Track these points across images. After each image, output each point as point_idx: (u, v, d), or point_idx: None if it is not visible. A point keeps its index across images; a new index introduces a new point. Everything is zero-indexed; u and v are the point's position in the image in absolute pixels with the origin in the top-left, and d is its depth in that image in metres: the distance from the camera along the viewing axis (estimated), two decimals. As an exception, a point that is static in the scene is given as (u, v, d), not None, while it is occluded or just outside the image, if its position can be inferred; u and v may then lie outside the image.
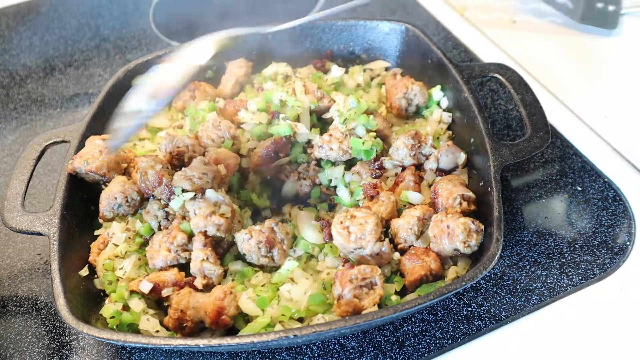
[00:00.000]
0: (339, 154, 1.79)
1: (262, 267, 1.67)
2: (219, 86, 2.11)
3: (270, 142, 1.81)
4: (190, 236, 1.67)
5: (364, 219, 1.59)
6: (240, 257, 1.69)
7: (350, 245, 1.58)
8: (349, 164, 1.84)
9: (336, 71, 2.08)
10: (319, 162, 1.86)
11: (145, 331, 1.57)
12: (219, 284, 1.62)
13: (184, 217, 1.69)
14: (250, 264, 1.67)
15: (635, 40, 2.40)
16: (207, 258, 1.60)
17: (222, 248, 1.68)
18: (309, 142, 1.87)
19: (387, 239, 1.61)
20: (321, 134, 1.85)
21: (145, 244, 1.71)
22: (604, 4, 2.46)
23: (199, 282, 1.59)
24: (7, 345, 1.68)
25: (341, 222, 1.60)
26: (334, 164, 1.83)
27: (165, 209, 1.72)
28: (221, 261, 1.66)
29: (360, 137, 1.79)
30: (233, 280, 1.65)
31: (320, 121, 1.94)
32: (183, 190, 1.65)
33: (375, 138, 1.81)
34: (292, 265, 1.63)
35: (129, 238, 1.70)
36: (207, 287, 1.61)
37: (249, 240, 1.62)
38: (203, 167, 1.67)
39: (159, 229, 1.71)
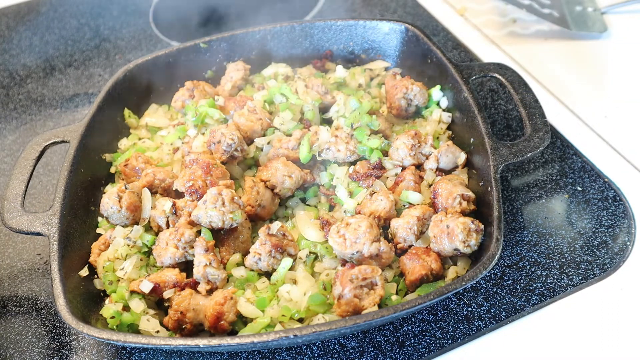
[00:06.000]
0: (346, 154, 1.79)
1: (267, 274, 1.67)
2: (218, 86, 2.11)
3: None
4: (198, 232, 1.67)
5: (357, 223, 1.59)
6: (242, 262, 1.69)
7: (347, 250, 1.58)
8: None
9: (340, 71, 2.08)
10: (323, 163, 1.86)
11: (145, 331, 1.57)
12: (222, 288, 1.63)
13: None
14: (253, 269, 1.67)
15: (632, 39, 2.40)
16: (210, 263, 1.60)
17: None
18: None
19: (383, 239, 1.61)
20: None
21: (148, 251, 1.71)
22: (582, 7, 2.47)
23: (202, 288, 1.59)
24: (7, 345, 1.68)
25: (337, 232, 1.60)
26: (339, 163, 1.84)
27: (174, 205, 1.72)
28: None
29: (368, 137, 1.80)
30: (234, 285, 1.65)
31: (323, 121, 1.95)
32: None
33: (380, 138, 1.82)
34: (289, 263, 1.63)
35: (129, 246, 1.69)
36: (211, 292, 1.61)
37: (262, 259, 1.62)
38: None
39: (167, 225, 1.71)
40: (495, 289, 1.70)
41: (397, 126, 1.99)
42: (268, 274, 1.66)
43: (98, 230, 1.79)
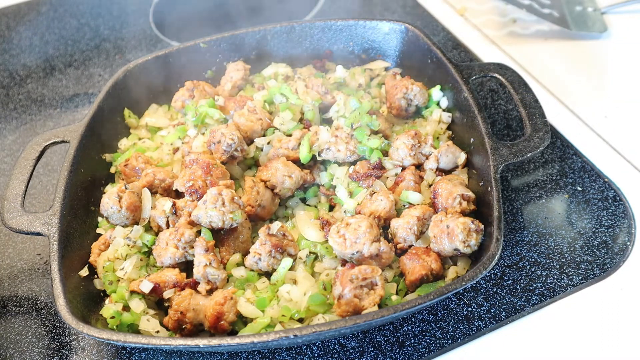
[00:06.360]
0: (346, 154, 1.79)
1: (267, 274, 1.67)
2: (218, 86, 2.11)
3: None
4: (198, 232, 1.67)
5: (357, 223, 1.59)
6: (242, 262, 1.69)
7: (347, 251, 1.58)
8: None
9: (340, 71, 2.08)
10: (323, 163, 1.86)
11: (145, 331, 1.57)
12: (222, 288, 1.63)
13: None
14: (253, 269, 1.67)
15: (632, 39, 2.40)
16: (210, 263, 1.60)
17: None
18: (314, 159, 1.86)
19: (383, 239, 1.61)
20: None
21: (148, 251, 1.71)
22: (582, 7, 2.47)
23: (202, 288, 1.59)
24: (7, 345, 1.68)
25: (337, 232, 1.60)
26: (339, 163, 1.84)
27: (174, 205, 1.71)
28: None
29: (368, 137, 1.80)
30: (234, 285, 1.65)
31: (323, 121, 1.95)
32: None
33: (380, 138, 1.82)
34: (289, 263, 1.63)
35: (129, 245, 1.69)
36: (211, 292, 1.61)
37: (262, 260, 1.62)
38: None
39: (167, 225, 1.71)
40: (495, 289, 1.70)
41: (397, 126, 1.99)
42: (268, 274, 1.66)
43: (98, 230, 1.79)
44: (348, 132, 1.80)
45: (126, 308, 1.59)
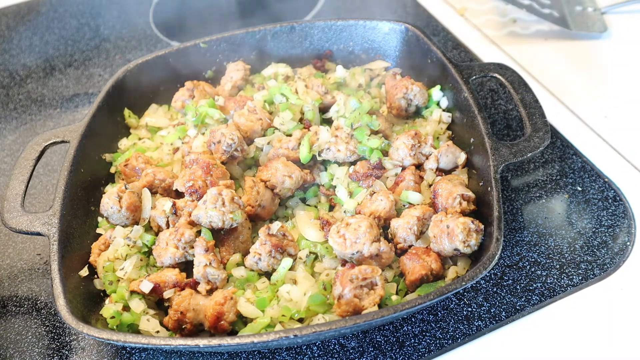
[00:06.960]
0: (346, 154, 1.79)
1: (267, 274, 1.67)
2: (218, 86, 2.11)
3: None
4: (198, 232, 1.67)
5: (357, 223, 1.59)
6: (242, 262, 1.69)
7: (347, 251, 1.58)
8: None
9: (340, 71, 2.08)
10: (323, 162, 1.86)
11: (145, 331, 1.57)
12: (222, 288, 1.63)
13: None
14: (253, 269, 1.67)
15: (632, 39, 2.40)
16: (210, 263, 1.60)
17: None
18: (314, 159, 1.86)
19: (383, 239, 1.61)
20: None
21: (148, 251, 1.71)
22: (582, 7, 2.48)
23: (202, 288, 1.59)
24: (7, 345, 1.68)
25: (337, 232, 1.60)
26: (339, 163, 1.84)
27: (175, 205, 1.71)
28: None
29: (368, 137, 1.80)
30: (234, 285, 1.65)
31: (323, 121, 1.95)
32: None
33: (380, 138, 1.82)
34: (289, 263, 1.63)
35: (129, 246, 1.69)
36: (211, 292, 1.61)
37: (262, 260, 1.62)
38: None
39: (167, 225, 1.71)
40: (495, 289, 1.70)
41: (397, 126, 1.99)
42: (268, 274, 1.66)
43: (98, 230, 1.79)
44: (348, 132, 1.81)
45: (126, 308, 1.59)
